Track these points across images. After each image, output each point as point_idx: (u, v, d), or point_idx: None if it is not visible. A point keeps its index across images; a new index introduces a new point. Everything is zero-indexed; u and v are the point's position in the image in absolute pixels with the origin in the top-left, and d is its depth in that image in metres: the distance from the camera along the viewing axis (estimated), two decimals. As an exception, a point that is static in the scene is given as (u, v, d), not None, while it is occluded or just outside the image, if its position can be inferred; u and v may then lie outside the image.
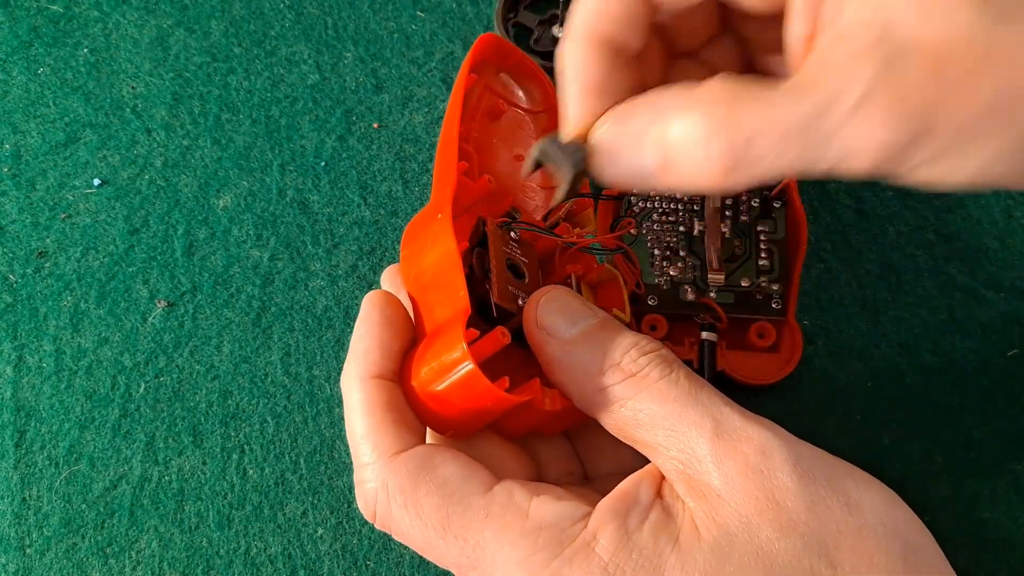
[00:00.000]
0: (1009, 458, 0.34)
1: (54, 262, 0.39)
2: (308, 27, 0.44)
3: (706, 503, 0.24)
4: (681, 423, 0.25)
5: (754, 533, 0.24)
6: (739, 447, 0.25)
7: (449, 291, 0.27)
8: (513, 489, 0.26)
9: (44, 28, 0.44)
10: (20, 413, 0.36)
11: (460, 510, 0.26)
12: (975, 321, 0.36)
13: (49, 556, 0.33)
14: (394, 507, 0.26)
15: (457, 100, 0.33)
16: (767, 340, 0.34)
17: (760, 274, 0.35)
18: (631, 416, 0.26)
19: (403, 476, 0.26)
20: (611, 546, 0.24)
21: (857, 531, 0.24)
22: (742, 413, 0.26)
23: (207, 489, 0.34)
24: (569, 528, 0.25)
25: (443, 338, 0.27)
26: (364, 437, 0.27)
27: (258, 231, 0.39)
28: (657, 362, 0.26)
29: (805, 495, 0.24)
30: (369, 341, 0.28)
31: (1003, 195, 0.39)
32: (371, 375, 0.28)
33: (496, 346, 0.27)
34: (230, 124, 0.41)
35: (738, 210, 0.36)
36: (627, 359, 0.26)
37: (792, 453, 0.25)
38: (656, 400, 0.26)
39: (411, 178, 0.40)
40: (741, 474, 0.24)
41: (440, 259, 0.28)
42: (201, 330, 0.37)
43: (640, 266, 0.35)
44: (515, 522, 0.25)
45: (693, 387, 0.26)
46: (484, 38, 0.36)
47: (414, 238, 0.30)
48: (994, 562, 0.33)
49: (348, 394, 0.28)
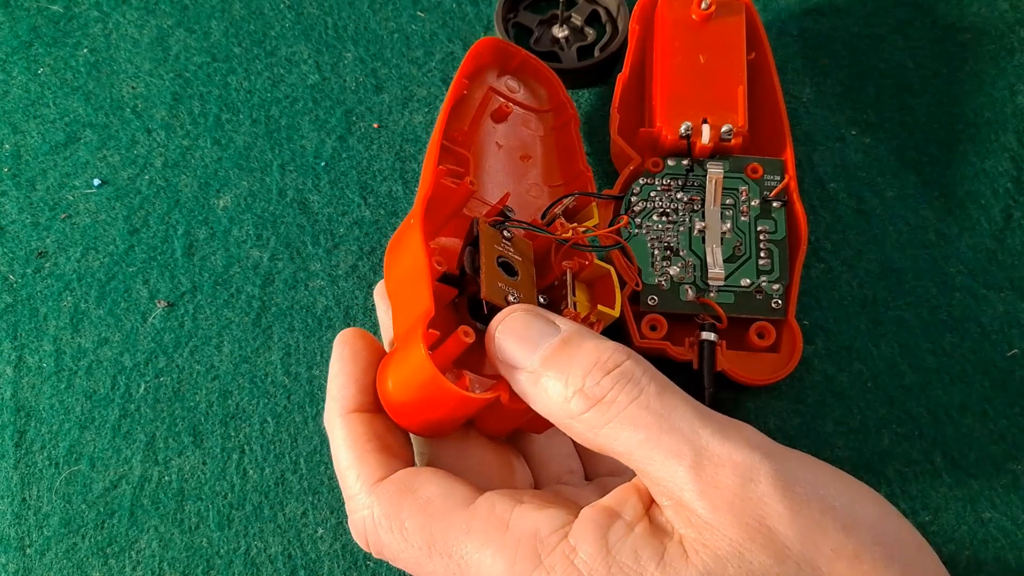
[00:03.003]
0: (1009, 458, 0.34)
1: (54, 262, 0.39)
2: (308, 27, 0.44)
3: (694, 528, 0.24)
4: (658, 452, 0.24)
5: (746, 560, 0.23)
6: (722, 475, 0.24)
7: (416, 293, 0.27)
8: (495, 501, 0.26)
9: (44, 28, 0.44)
10: (20, 413, 0.36)
11: (442, 528, 0.26)
12: (975, 321, 0.36)
13: (49, 556, 0.33)
14: (382, 532, 0.27)
15: (445, 106, 0.33)
16: (767, 340, 0.34)
17: (760, 274, 0.35)
18: (607, 445, 0.25)
19: (386, 501, 0.27)
20: (591, 559, 0.24)
21: (853, 555, 0.23)
22: (722, 432, 0.25)
23: (207, 489, 0.34)
24: (548, 536, 0.25)
25: (406, 343, 0.27)
26: (349, 469, 0.28)
27: (258, 231, 0.39)
28: (623, 383, 0.25)
29: (797, 520, 0.23)
30: (343, 378, 0.29)
31: (1003, 196, 0.39)
32: (348, 411, 0.28)
33: (460, 347, 0.27)
34: (230, 124, 0.41)
35: (738, 210, 0.36)
36: (589, 383, 0.25)
37: (780, 474, 0.24)
38: (628, 428, 0.25)
39: (411, 178, 0.40)
40: (727, 503, 0.24)
41: (410, 262, 0.28)
42: (201, 330, 0.37)
43: (640, 266, 0.35)
44: (495, 534, 0.25)
45: (665, 408, 0.25)
46: (481, 43, 0.36)
47: (392, 249, 0.30)
48: (994, 562, 0.33)
49: (331, 432, 0.29)
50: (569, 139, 0.38)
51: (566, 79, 0.41)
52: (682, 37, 0.38)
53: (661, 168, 0.37)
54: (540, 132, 0.38)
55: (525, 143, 0.38)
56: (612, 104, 0.39)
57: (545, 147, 0.38)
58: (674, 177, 0.37)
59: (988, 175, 0.39)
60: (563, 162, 0.38)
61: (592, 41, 0.43)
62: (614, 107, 0.39)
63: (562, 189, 0.37)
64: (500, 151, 0.37)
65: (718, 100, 0.37)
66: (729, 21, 0.39)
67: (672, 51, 0.38)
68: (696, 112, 0.37)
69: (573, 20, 0.43)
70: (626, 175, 0.37)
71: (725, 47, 0.38)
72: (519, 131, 0.38)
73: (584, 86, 0.42)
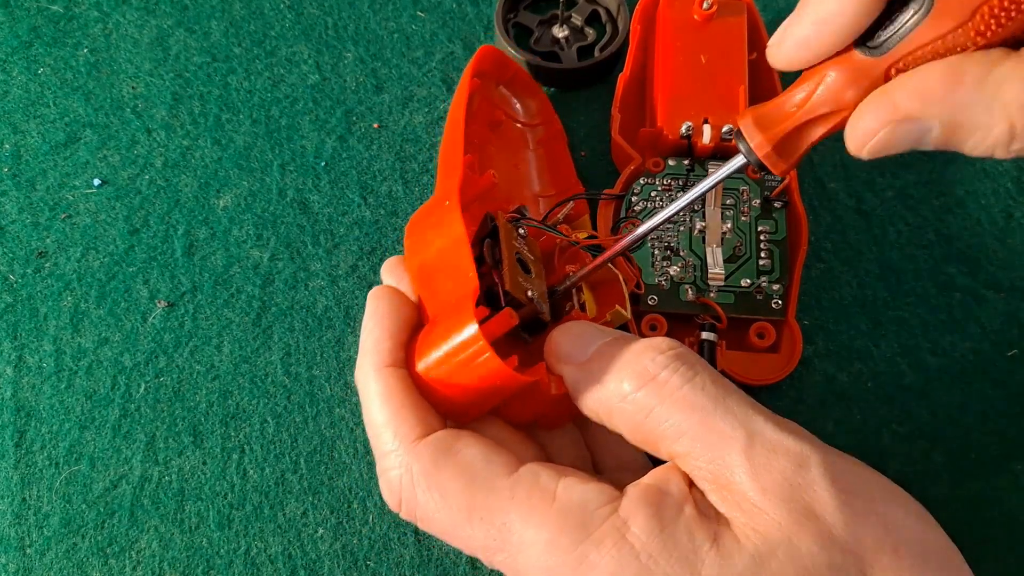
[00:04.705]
0: (1009, 458, 0.34)
1: (54, 262, 0.39)
2: (308, 27, 0.44)
3: (742, 512, 0.24)
4: (710, 434, 0.25)
5: (795, 544, 0.23)
6: (774, 460, 0.24)
7: (457, 274, 0.27)
8: (539, 471, 0.26)
9: (44, 28, 0.44)
10: (20, 413, 0.36)
11: (485, 492, 0.25)
12: (975, 321, 0.36)
13: (49, 556, 0.33)
14: (419, 492, 0.26)
15: (462, 98, 0.33)
16: (767, 340, 0.34)
17: (760, 274, 0.35)
18: (655, 427, 0.26)
19: (426, 460, 0.26)
20: (644, 535, 0.24)
21: (894, 549, 0.24)
22: (774, 421, 0.25)
23: (207, 489, 0.34)
24: (597, 511, 0.25)
25: (452, 319, 0.27)
26: (385, 425, 0.27)
27: (258, 231, 0.39)
28: (676, 365, 0.26)
29: (844, 510, 0.24)
30: (379, 332, 0.28)
31: (1003, 196, 0.39)
32: (385, 364, 0.28)
33: (505, 326, 0.27)
34: (230, 124, 0.41)
35: (738, 210, 0.36)
36: (644, 360, 0.26)
37: (829, 465, 0.24)
38: (681, 409, 0.25)
39: (411, 178, 0.40)
40: (778, 487, 0.24)
41: (448, 244, 0.28)
42: (201, 330, 0.37)
43: (640, 266, 0.35)
44: (541, 504, 0.25)
45: (720, 392, 0.25)
46: (485, 49, 0.36)
47: (418, 229, 0.30)
48: (994, 562, 0.33)
49: (364, 386, 0.28)
50: (558, 154, 0.39)
51: (566, 79, 0.42)
52: (683, 37, 0.38)
53: (662, 168, 0.37)
54: (530, 145, 0.39)
55: (515, 153, 0.38)
56: (613, 104, 0.39)
57: (536, 159, 0.39)
58: (675, 177, 0.37)
59: (988, 175, 0.39)
60: (554, 174, 0.39)
61: (592, 41, 0.43)
62: (615, 107, 0.39)
63: (555, 199, 0.38)
64: (494, 159, 0.37)
65: (719, 100, 0.37)
66: (730, 21, 0.39)
67: (673, 51, 0.38)
68: (697, 112, 0.37)
69: (573, 20, 0.43)
70: (627, 175, 0.37)
71: (726, 47, 0.38)
72: (510, 141, 0.38)
73: (584, 86, 0.42)
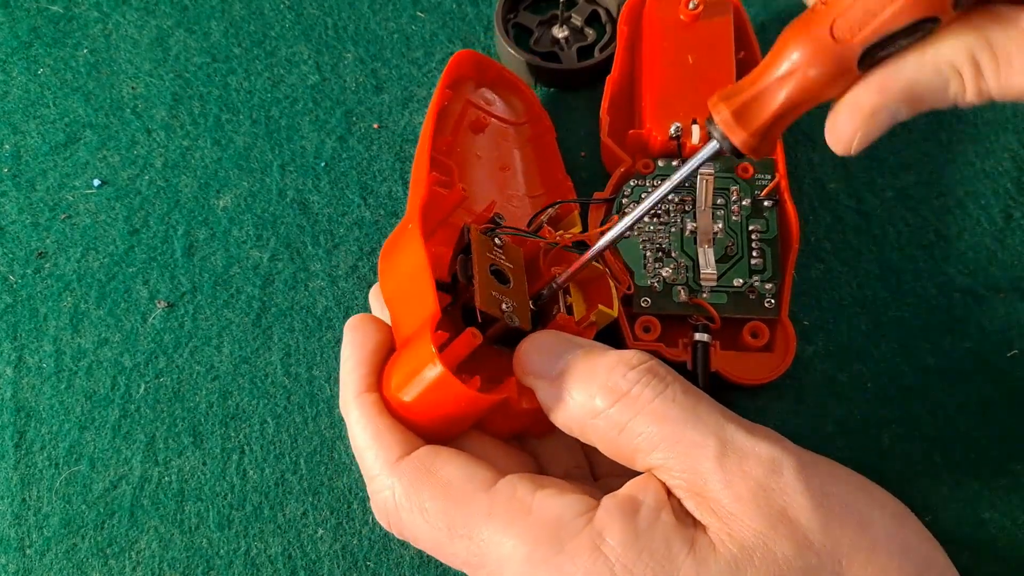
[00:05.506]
0: (1009, 458, 0.34)
1: (54, 262, 0.39)
2: (308, 27, 0.44)
3: (718, 519, 0.24)
4: (682, 445, 0.25)
5: (770, 549, 0.23)
6: (746, 466, 0.24)
7: (419, 298, 0.27)
8: (516, 484, 0.26)
9: (44, 28, 0.44)
10: (20, 413, 0.36)
11: (463, 510, 0.26)
12: (975, 321, 0.36)
13: (49, 557, 0.33)
14: (403, 513, 0.27)
15: (431, 114, 0.33)
16: (761, 340, 0.34)
17: (752, 274, 0.35)
18: (629, 442, 0.26)
19: (407, 481, 0.26)
20: (619, 546, 0.24)
21: (870, 548, 0.24)
22: (747, 428, 0.25)
23: (207, 490, 0.34)
24: (571, 522, 0.25)
25: (413, 344, 0.27)
26: (367, 449, 0.27)
27: (258, 231, 0.39)
28: (648, 379, 0.26)
29: (818, 512, 0.24)
30: (353, 361, 0.29)
31: (1003, 196, 0.39)
32: (363, 391, 0.28)
33: (468, 348, 0.27)
34: (230, 124, 0.41)
35: (729, 210, 0.36)
36: (615, 377, 0.26)
37: (802, 468, 0.24)
38: (653, 422, 0.25)
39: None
40: (752, 493, 0.24)
41: (411, 268, 0.28)
42: (201, 330, 0.37)
43: (632, 267, 0.35)
44: (518, 518, 0.25)
45: (690, 402, 0.26)
46: (460, 55, 0.36)
47: (389, 254, 0.30)
48: (994, 562, 0.33)
49: (346, 414, 0.29)
50: (546, 150, 0.39)
51: (566, 79, 0.42)
52: (670, 37, 0.38)
53: (652, 169, 0.37)
54: (517, 144, 0.38)
55: (503, 154, 0.38)
56: (602, 106, 0.39)
57: (524, 158, 0.38)
58: (665, 178, 0.37)
59: (988, 175, 0.39)
60: (543, 172, 0.39)
61: (592, 41, 0.43)
62: (603, 109, 0.39)
63: (543, 198, 0.38)
64: (480, 162, 0.37)
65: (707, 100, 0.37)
66: (717, 21, 0.39)
67: (660, 52, 0.38)
68: (686, 113, 0.37)
69: (573, 20, 0.43)
70: (617, 177, 0.37)
71: (713, 47, 0.38)
72: (497, 143, 0.38)
73: (584, 86, 0.42)
